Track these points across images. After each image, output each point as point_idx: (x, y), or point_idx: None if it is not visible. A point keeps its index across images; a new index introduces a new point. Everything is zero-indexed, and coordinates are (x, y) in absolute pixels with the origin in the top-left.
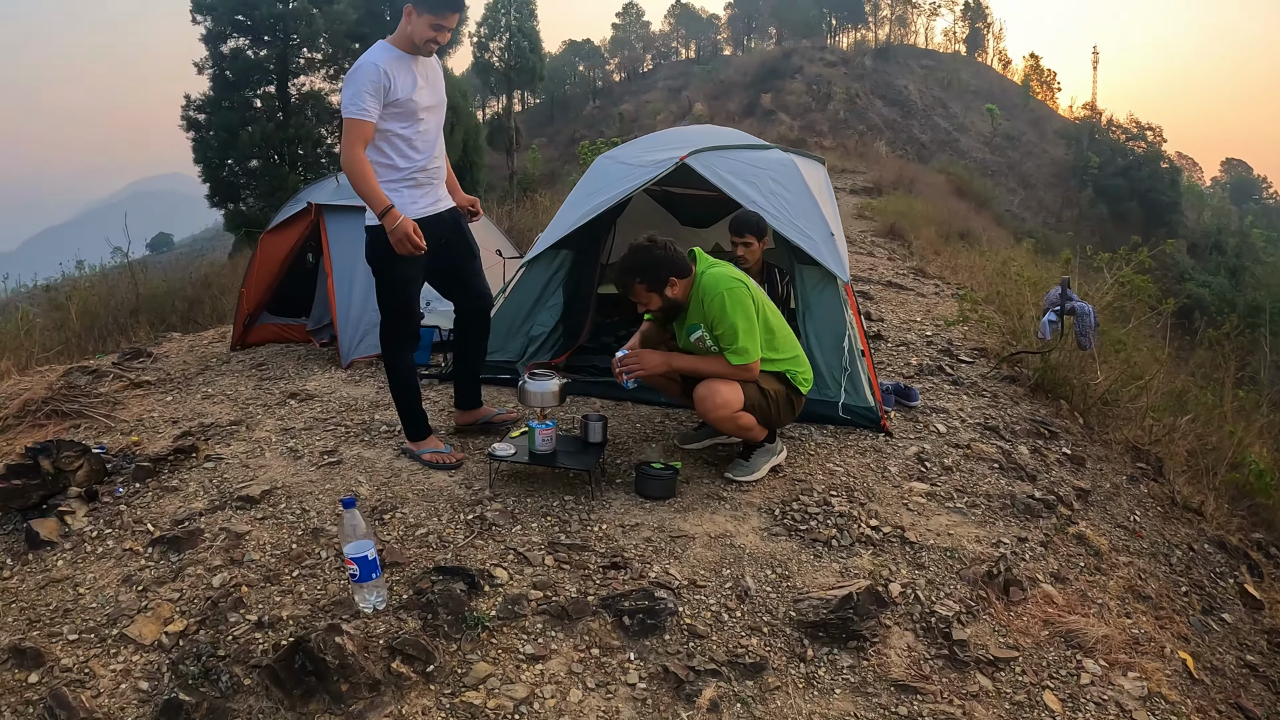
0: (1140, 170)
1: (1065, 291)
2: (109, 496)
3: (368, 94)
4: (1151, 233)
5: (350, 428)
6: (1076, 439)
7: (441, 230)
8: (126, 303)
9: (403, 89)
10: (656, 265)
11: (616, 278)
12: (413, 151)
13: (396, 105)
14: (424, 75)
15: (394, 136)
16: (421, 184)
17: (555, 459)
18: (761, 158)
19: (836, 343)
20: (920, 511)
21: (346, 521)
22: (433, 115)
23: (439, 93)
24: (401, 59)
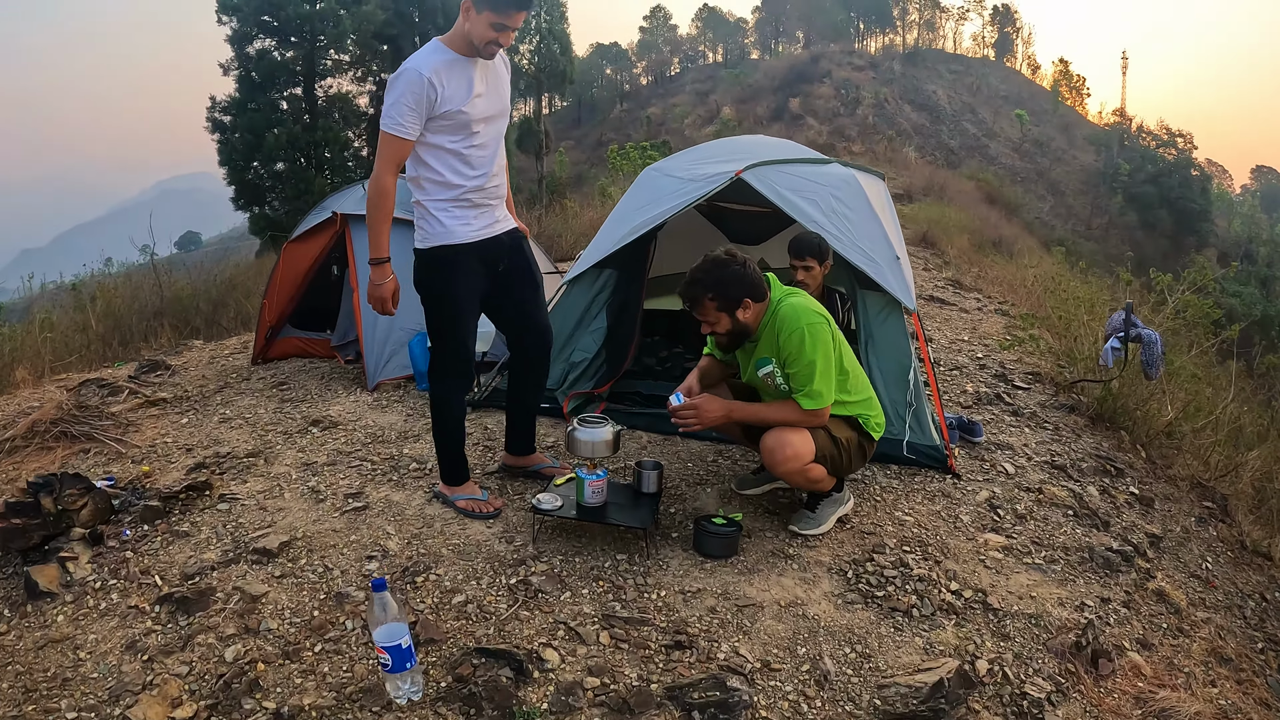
0: (1171, 177)
1: (1129, 317)
2: (114, 540)
3: (407, 107)
4: (1181, 241)
5: (376, 464)
6: (1141, 475)
7: (499, 255)
8: (151, 305)
9: (454, 98)
10: (733, 282)
11: (684, 289)
12: (466, 168)
13: (446, 117)
14: (483, 80)
15: (444, 151)
16: (477, 204)
17: (606, 514)
18: (822, 173)
19: (901, 375)
20: (999, 569)
21: (376, 604)
22: (490, 127)
23: (500, 100)
24: (455, 62)
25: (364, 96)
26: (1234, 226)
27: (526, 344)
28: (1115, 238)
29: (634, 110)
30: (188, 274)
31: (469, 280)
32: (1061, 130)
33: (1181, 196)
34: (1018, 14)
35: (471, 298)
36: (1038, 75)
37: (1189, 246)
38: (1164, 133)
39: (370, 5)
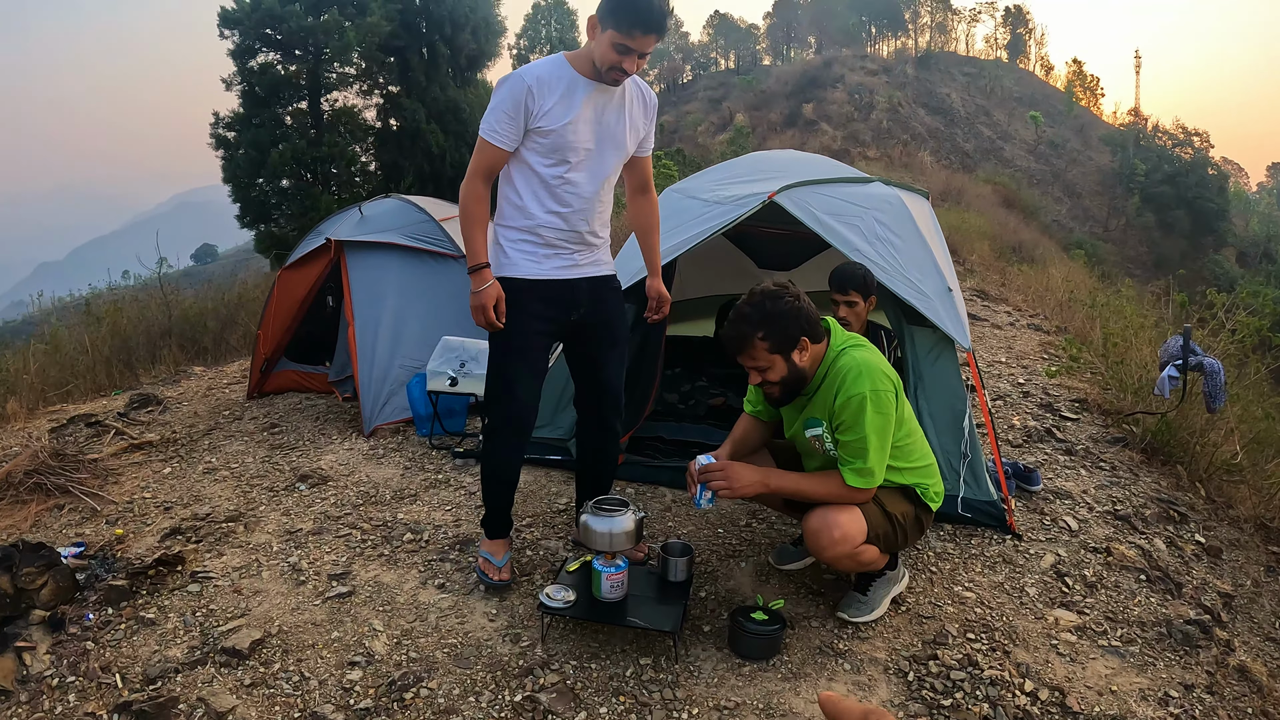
0: (1187, 177)
1: (1188, 343)
2: (76, 625)
3: (504, 113)
4: (1199, 241)
5: (367, 532)
6: (1205, 519)
7: (573, 301)
8: (158, 324)
9: (553, 115)
10: (788, 319)
11: (728, 329)
12: (551, 200)
13: (540, 132)
14: (598, 108)
15: (531, 173)
16: (553, 243)
17: (627, 612)
18: (862, 194)
19: (955, 422)
20: (1073, 656)
21: None
22: (592, 161)
23: (613, 136)
24: (569, 79)
25: (370, 110)
26: (1252, 225)
27: (595, 408)
28: (1133, 239)
29: None
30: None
31: (528, 322)
32: (1076, 131)
33: (1199, 196)
34: (1030, 15)
35: (529, 342)
36: (1051, 76)
37: (1207, 246)
38: (1179, 132)
39: (375, 17)
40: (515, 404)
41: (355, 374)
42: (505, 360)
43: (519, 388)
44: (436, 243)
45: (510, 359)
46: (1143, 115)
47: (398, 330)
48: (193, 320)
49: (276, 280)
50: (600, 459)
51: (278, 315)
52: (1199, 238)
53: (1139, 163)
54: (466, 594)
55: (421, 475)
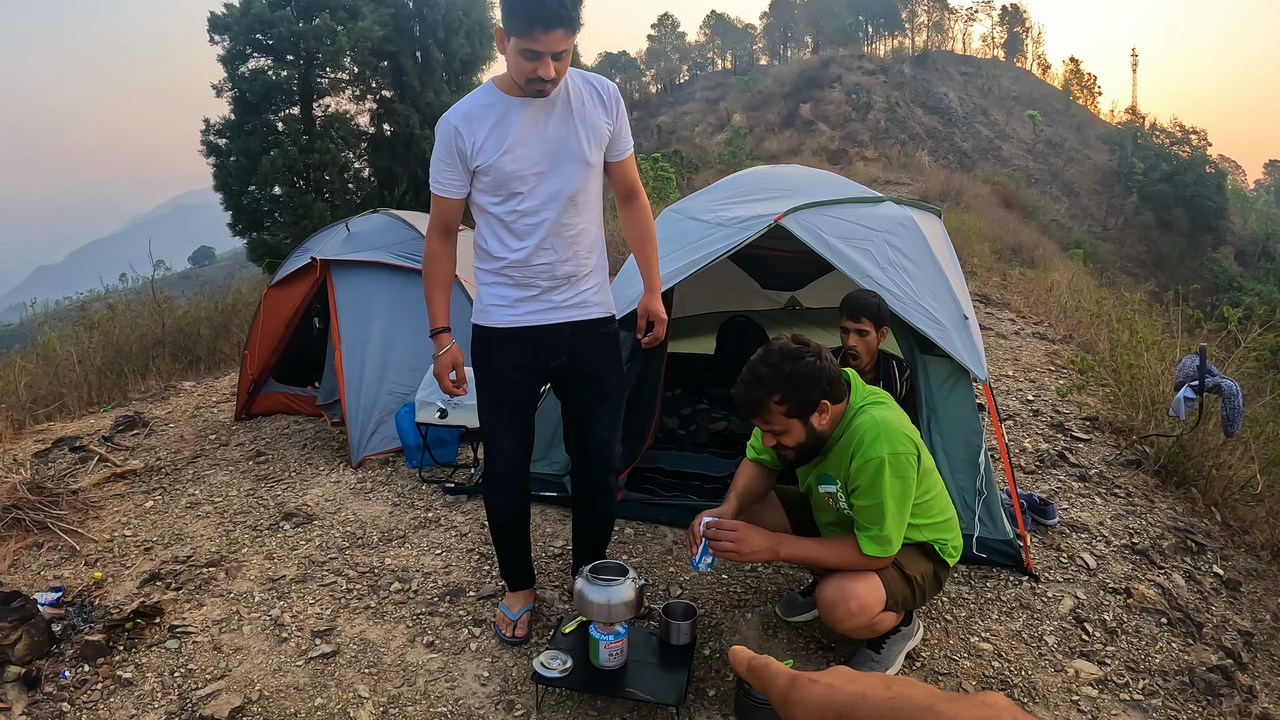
0: (1185, 175)
1: (1204, 364)
2: (52, 684)
3: (441, 160)
4: (1198, 239)
5: (353, 580)
6: (1222, 547)
7: (553, 348)
8: (151, 333)
9: (485, 150)
10: (808, 381)
11: (742, 390)
12: (510, 237)
13: (481, 171)
14: (538, 124)
15: (488, 215)
16: (523, 284)
17: (626, 683)
18: (873, 215)
19: (970, 458)
20: (1095, 715)
21: None
22: (546, 184)
23: (567, 147)
24: (498, 105)
25: (364, 115)
26: (1250, 223)
27: (586, 465)
28: (1132, 237)
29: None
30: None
31: (507, 371)
32: (1074, 130)
33: (1197, 194)
34: (1027, 14)
35: (509, 391)
36: (1048, 75)
37: (1205, 244)
38: (1177, 130)
39: (367, 21)
40: (501, 457)
41: (342, 402)
42: (488, 410)
43: (504, 439)
44: None
45: (492, 409)
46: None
47: (386, 354)
48: (186, 329)
49: (263, 298)
50: (593, 516)
51: (264, 335)
52: (1197, 236)
53: (1137, 161)
54: (457, 653)
55: (411, 513)
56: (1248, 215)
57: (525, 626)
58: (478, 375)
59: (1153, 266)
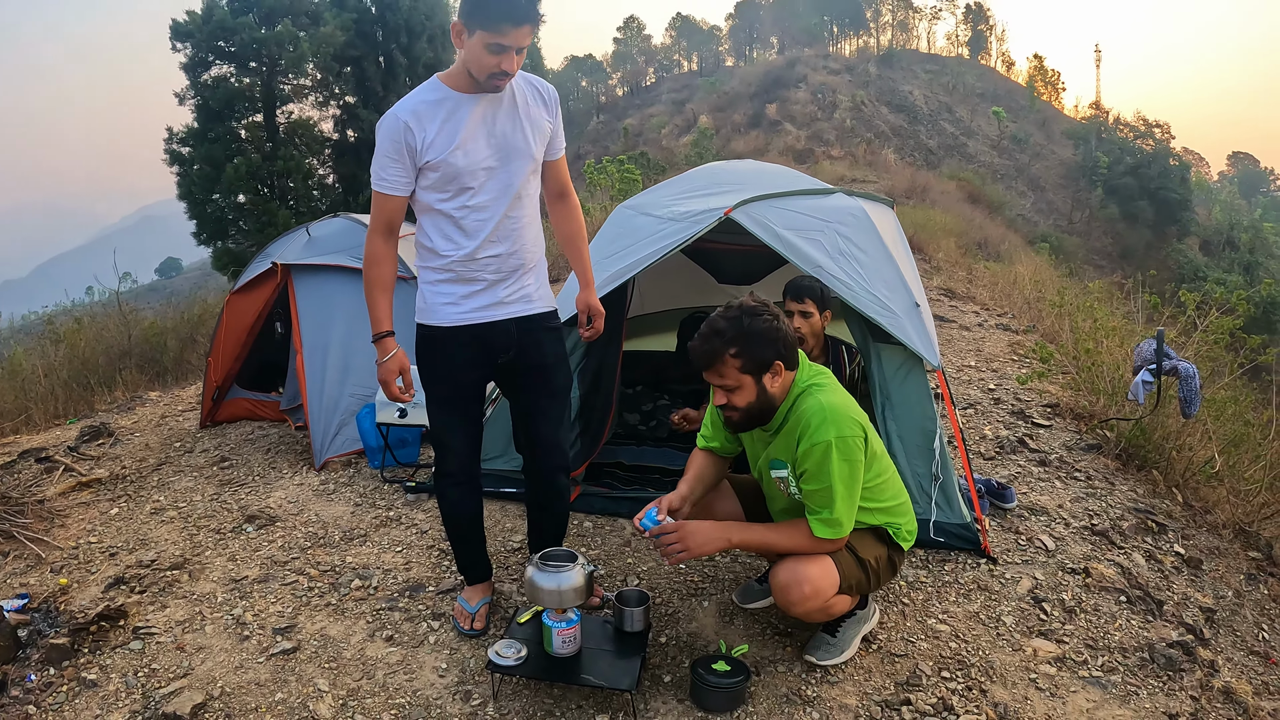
0: (1150, 168)
1: (1162, 347)
2: (18, 688)
3: (387, 157)
4: (1163, 231)
5: (314, 579)
6: (1183, 527)
7: (497, 346)
8: (118, 345)
9: (436, 145)
10: (766, 338)
11: (699, 342)
12: (458, 234)
13: (430, 167)
14: (484, 122)
15: (434, 212)
16: (467, 279)
17: (580, 669)
18: (824, 206)
19: (925, 443)
20: (1053, 691)
21: None
22: (494, 181)
23: (508, 146)
24: (447, 101)
25: (327, 122)
26: (1215, 214)
27: (536, 464)
28: (1097, 231)
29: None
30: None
31: (455, 370)
32: (1039, 126)
33: (1161, 187)
34: (990, 12)
35: (458, 392)
36: (1013, 72)
37: (1171, 236)
38: (1141, 124)
39: (329, 27)
40: (452, 456)
41: (305, 403)
42: (437, 411)
43: (454, 438)
44: None
45: (442, 410)
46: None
47: (347, 357)
48: (152, 340)
49: (225, 305)
50: (546, 515)
51: (227, 342)
52: (1163, 228)
53: (1101, 155)
54: (415, 646)
55: (373, 512)
56: (1212, 206)
57: (483, 619)
58: (425, 376)
59: (1119, 259)
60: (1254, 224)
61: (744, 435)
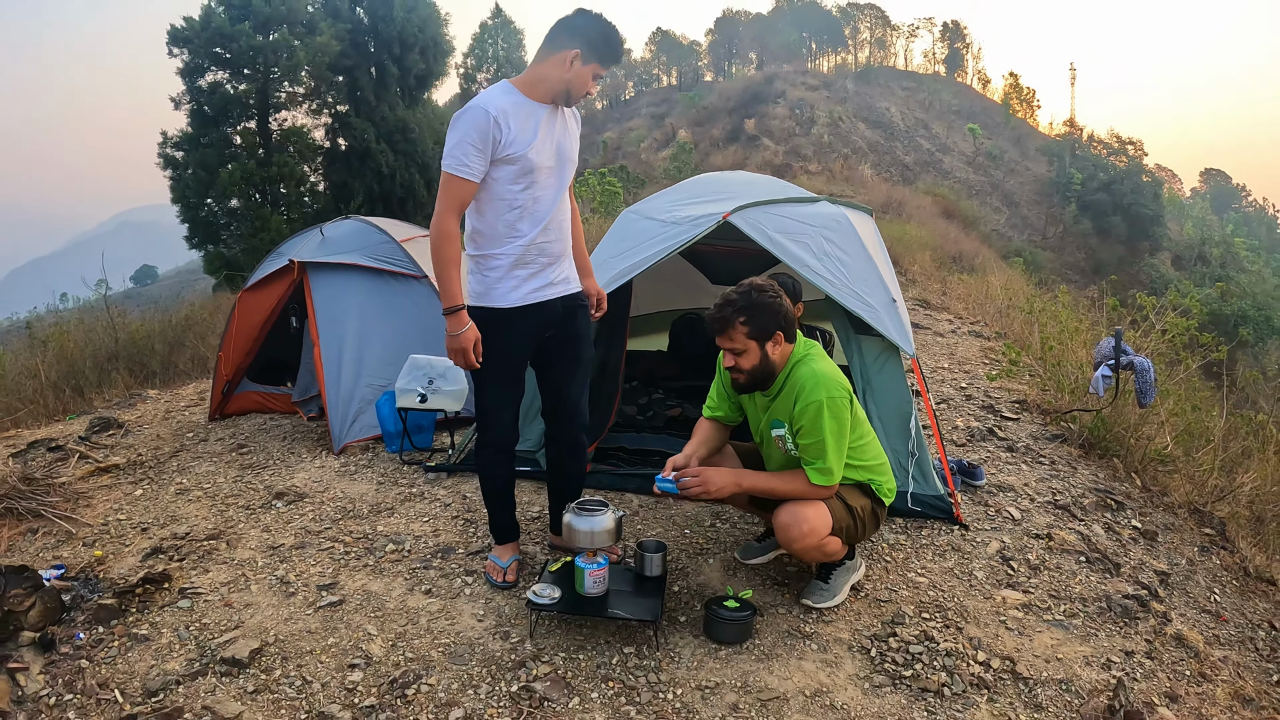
0: (1123, 184)
1: (1119, 344)
2: (68, 645)
3: (472, 146)
4: (1136, 246)
5: (349, 545)
6: (1141, 506)
7: (547, 322)
8: (105, 348)
9: (519, 141)
10: (770, 311)
11: (715, 311)
12: (523, 223)
13: (508, 160)
14: (550, 128)
15: (501, 202)
16: (529, 263)
17: (610, 606)
18: (811, 213)
19: (902, 424)
20: (1021, 630)
21: None
22: (553, 177)
23: (566, 151)
24: (525, 105)
25: (319, 130)
26: (1187, 229)
27: (560, 425)
28: (1071, 245)
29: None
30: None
31: (510, 348)
32: (1014, 143)
33: (1134, 203)
34: (967, 30)
35: (512, 366)
36: (988, 89)
37: (1143, 251)
38: (1114, 141)
39: (325, 36)
40: (500, 426)
41: (323, 393)
42: (491, 386)
43: (504, 412)
44: (398, 263)
45: (495, 384)
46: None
47: (361, 351)
48: (140, 344)
49: (237, 302)
50: (569, 472)
51: (239, 337)
52: (1135, 242)
53: (1075, 172)
54: (453, 597)
55: (395, 489)
56: (1184, 221)
57: (514, 573)
58: (483, 353)
59: (1092, 273)
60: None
61: (746, 402)
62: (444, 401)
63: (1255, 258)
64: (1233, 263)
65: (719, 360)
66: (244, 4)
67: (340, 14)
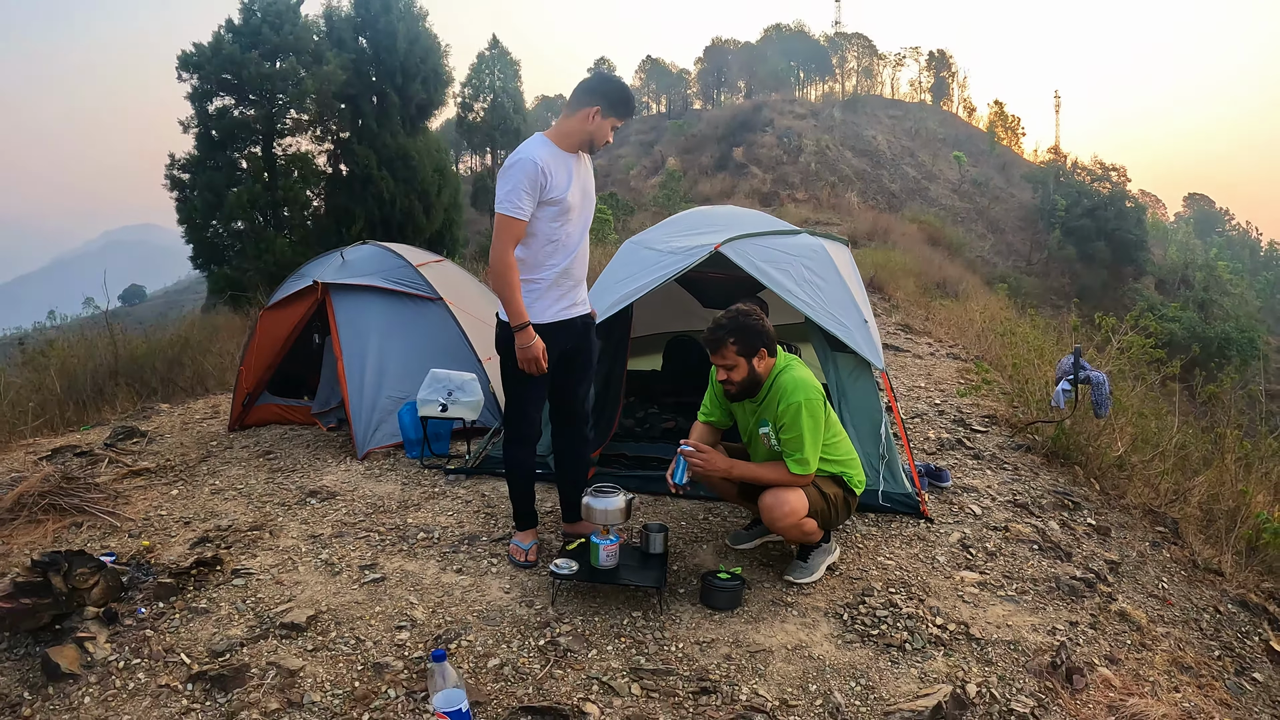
0: (1106, 210)
1: (1078, 360)
2: (130, 618)
3: (524, 191)
4: (1120, 271)
5: (384, 535)
6: (1097, 507)
7: (569, 338)
8: (105, 364)
9: (558, 186)
10: (755, 332)
11: (709, 332)
12: (558, 254)
13: (550, 202)
14: (578, 173)
15: (540, 234)
16: (558, 285)
17: (620, 576)
18: (793, 244)
19: (874, 430)
20: (976, 603)
21: (437, 674)
22: (579, 214)
23: (589, 191)
24: (558, 155)
25: (322, 156)
26: (1170, 254)
27: (568, 422)
28: (1055, 271)
29: None
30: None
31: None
32: (999, 170)
33: (1118, 228)
34: (953, 59)
35: (541, 377)
36: (974, 117)
37: (1127, 275)
38: (1098, 167)
39: (331, 66)
40: (527, 422)
41: (346, 403)
42: (521, 389)
43: (532, 409)
44: (414, 286)
45: (527, 388)
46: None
47: (382, 364)
48: (141, 360)
49: (258, 319)
50: (578, 459)
51: (260, 352)
52: (1119, 267)
53: (1059, 198)
54: (481, 575)
55: (419, 489)
56: (1168, 246)
57: (535, 554)
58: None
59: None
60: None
61: (736, 409)
62: (462, 411)
63: (1239, 280)
64: (1215, 286)
65: (712, 373)
66: (253, 32)
67: (345, 44)
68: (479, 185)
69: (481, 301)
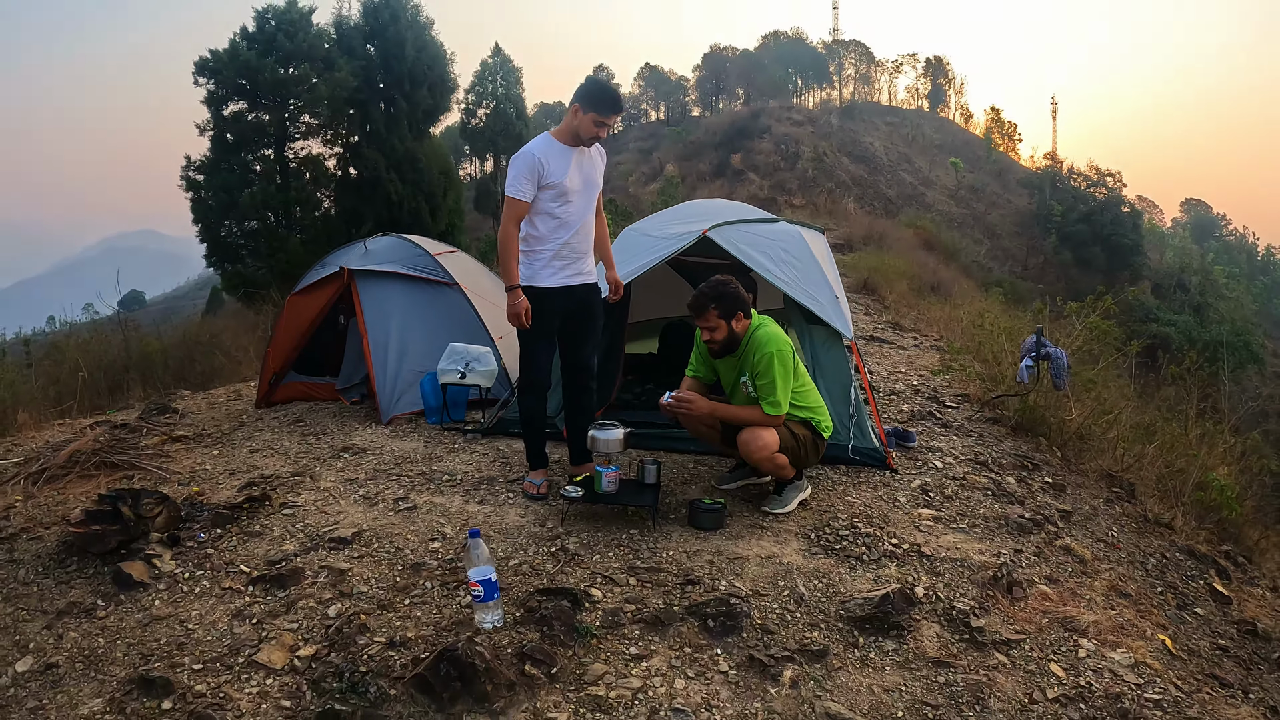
0: (1102, 215)
1: (1040, 339)
2: (191, 541)
3: (524, 178)
4: (1116, 275)
5: (413, 478)
6: (1056, 469)
7: (571, 301)
8: (119, 360)
9: (555, 173)
10: (732, 298)
11: (693, 300)
12: (560, 229)
13: (550, 187)
14: (579, 162)
15: (545, 215)
16: (563, 256)
17: (620, 498)
18: (772, 230)
19: (845, 393)
20: (930, 532)
21: (472, 549)
22: (581, 197)
23: (592, 178)
24: (558, 148)
25: (333, 159)
26: (1167, 258)
27: (575, 376)
28: (1051, 276)
29: None
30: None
31: (545, 317)
32: (995, 176)
33: (1114, 233)
34: (950, 66)
35: (550, 327)
36: (971, 124)
37: (1123, 280)
38: (1094, 173)
39: (342, 72)
40: (537, 370)
41: (371, 375)
42: (531, 342)
43: (541, 359)
44: (433, 273)
45: (537, 341)
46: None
47: (404, 343)
48: (153, 358)
49: (285, 304)
50: (583, 405)
51: (288, 333)
52: (1115, 272)
53: (1055, 204)
54: (500, 505)
55: (440, 446)
56: (1164, 251)
57: (546, 489)
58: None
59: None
60: (1204, 267)
61: (719, 364)
62: (479, 378)
63: (1235, 285)
64: (1211, 290)
65: (697, 334)
66: (268, 39)
67: (355, 51)
68: (481, 189)
69: (493, 287)
